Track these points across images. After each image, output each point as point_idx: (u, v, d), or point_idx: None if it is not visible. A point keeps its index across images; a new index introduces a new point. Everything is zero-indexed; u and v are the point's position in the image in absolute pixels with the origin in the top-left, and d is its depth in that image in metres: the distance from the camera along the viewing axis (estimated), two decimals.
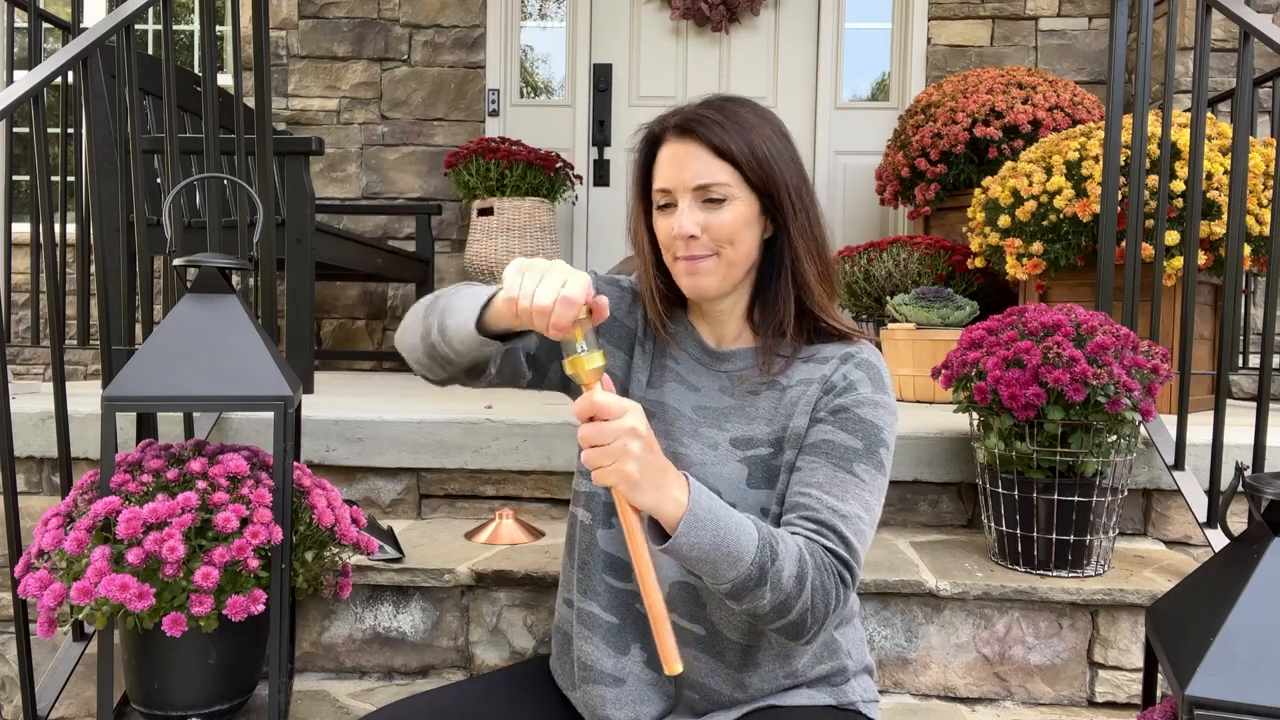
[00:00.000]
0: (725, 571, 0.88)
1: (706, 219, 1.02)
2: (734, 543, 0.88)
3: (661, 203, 1.06)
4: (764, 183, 1.03)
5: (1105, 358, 1.46)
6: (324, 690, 1.48)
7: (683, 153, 1.03)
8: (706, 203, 1.02)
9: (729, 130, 1.02)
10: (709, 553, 0.87)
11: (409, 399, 2.29)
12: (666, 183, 1.04)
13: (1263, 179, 2.24)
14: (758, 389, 1.07)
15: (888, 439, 1.03)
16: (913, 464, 1.79)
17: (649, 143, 1.08)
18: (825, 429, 1.02)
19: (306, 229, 2.43)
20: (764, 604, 0.90)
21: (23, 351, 4.25)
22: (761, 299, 1.10)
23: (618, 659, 1.07)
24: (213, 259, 1.32)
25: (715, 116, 1.03)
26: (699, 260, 1.03)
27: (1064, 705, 1.49)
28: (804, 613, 0.92)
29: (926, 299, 2.65)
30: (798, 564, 0.91)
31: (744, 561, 0.88)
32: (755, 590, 0.89)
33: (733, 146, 1.02)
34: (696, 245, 1.03)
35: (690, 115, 1.04)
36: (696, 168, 1.02)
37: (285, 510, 1.25)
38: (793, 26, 4.14)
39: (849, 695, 1.09)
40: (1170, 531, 1.80)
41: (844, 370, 1.05)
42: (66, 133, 2.67)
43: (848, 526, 0.96)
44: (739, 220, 1.03)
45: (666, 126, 1.06)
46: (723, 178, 1.02)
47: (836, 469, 0.99)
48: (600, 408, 0.83)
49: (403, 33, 4.14)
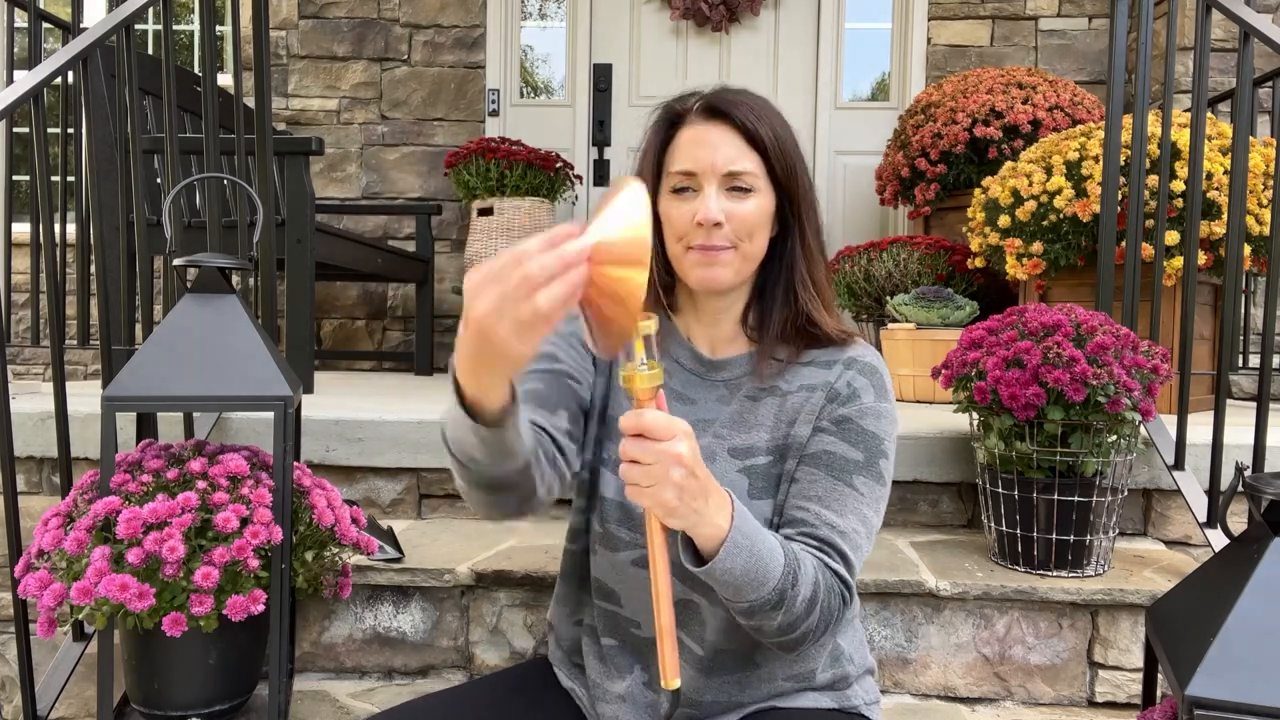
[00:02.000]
0: (748, 593, 0.87)
1: (730, 208, 0.97)
2: (764, 569, 0.86)
3: (680, 185, 0.99)
4: (785, 178, 1.00)
5: (1105, 358, 1.46)
6: (324, 690, 1.48)
7: (715, 135, 0.98)
8: (732, 190, 0.97)
9: (760, 117, 0.98)
10: (739, 578, 0.85)
11: (409, 399, 2.29)
12: (691, 165, 0.98)
13: (1263, 179, 2.24)
14: (757, 395, 1.04)
15: (888, 449, 1.01)
16: (913, 464, 1.79)
17: (667, 123, 1.02)
18: (827, 439, 1.00)
19: (306, 229, 2.43)
20: (773, 624, 0.90)
21: (23, 351, 4.25)
22: (759, 301, 1.06)
23: (617, 680, 1.06)
24: (213, 259, 1.32)
25: (747, 100, 0.99)
26: (718, 251, 0.98)
27: (1064, 705, 1.49)
28: (807, 632, 0.92)
29: (926, 299, 2.65)
30: (813, 588, 0.90)
31: (767, 587, 0.87)
32: (770, 612, 0.88)
33: (763, 135, 0.98)
34: (719, 234, 0.97)
35: (720, 97, 0.99)
36: (730, 152, 0.97)
37: (285, 510, 1.25)
38: (793, 26, 4.14)
39: (851, 700, 1.08)
40: (1170, 531, 1.80)
41: (848, 377, 1.02)
42: (66, 133, 2.67)
43: (846, 543, 0.95)
44: (761, 214, 0.99)
45: (690, 107, 1.00)
46: (751, 166, 0.98)
47: (836, 482, 0.98)
48: (649, 427, 0.78)
49: (403, 33, 4.14)
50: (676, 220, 0.99)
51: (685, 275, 1.02)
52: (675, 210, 1.00)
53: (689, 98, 1.02)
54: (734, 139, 0.98)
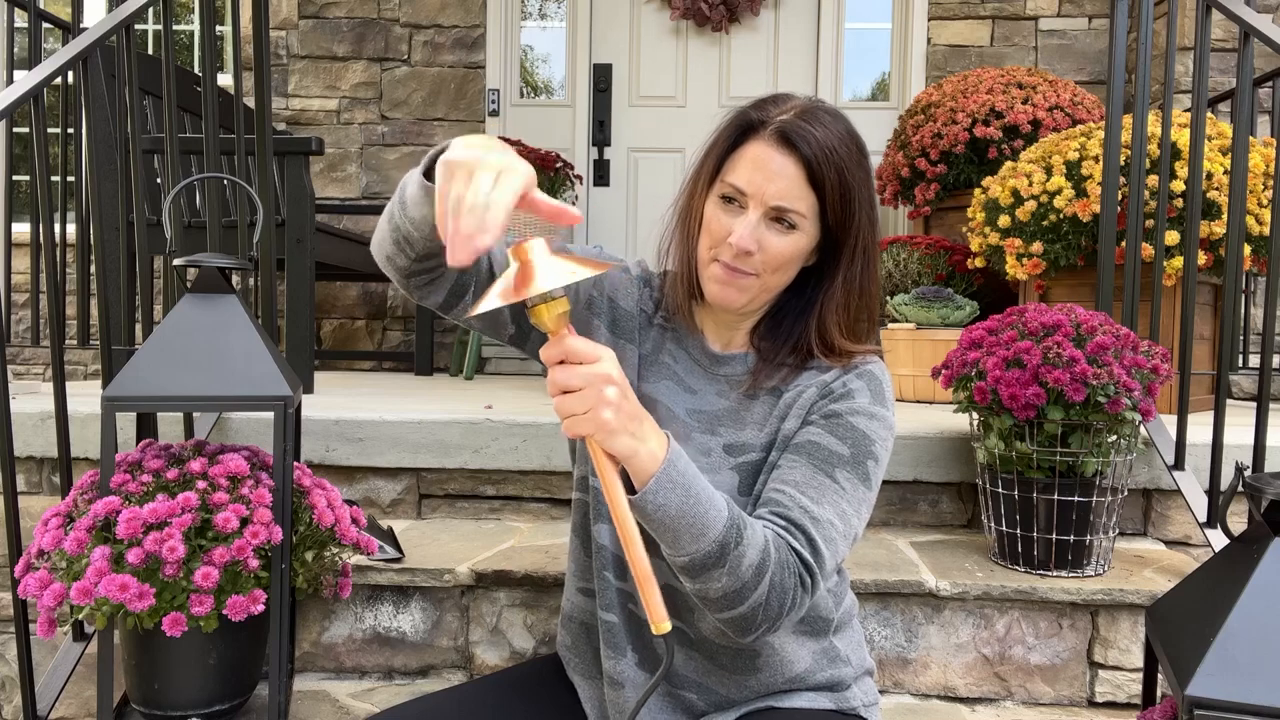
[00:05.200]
0: (686, 543, 0.84)
1: (765, 239, 0.96)
2: (702, 514, 0.84)
3: (729, 195, 0.98)
4: (837, 224, 0.98)
5: (1105, 358, 1.46)
6: (324, 690, 1.48)
7: (777, 163, 0.95)
8: (774, 222, 0.96)
9: (829, 158, 0.95)
10: (674, 519, 0.83)
11: (409, 399, 2.29)
12: (746, 185, 0.96)
13: (1263, 179, 2.24)
14: (755, 393, 1.04)
15: (878, 453, 0.99)
16: (913, 464, 1.79)
17: (739, 130, 0.99)
18: (813, 431, 0.98)
19: (306, 229, 2.43)
20: (717, 587, 0.87)
21: (23, 351, 4.25)
22: (774, 321, 1.06)
23: (616, 660, 1.06)
24: (213, 259, 1.32)
25: (821, 136, 0.95)
26: (740, 275, 0.97)
27: (1064, 705, 1.49)
28: (756, 607, 0.88)
29: (926, 299, 2.65)
30: (761, 554, 0.87)
31: (707, 537, 0.84)
32: (712, 570, 0.86)
33: (827, 178, 0.95)
34: (747, 261, 0.97)
35: (797, 126, 0.96)
36: (783, 187, 0.95)
37: (285, 510, 1.25)
38: (793, 26, 4.14)
39: (850, 701, 1.08)
40: (1170, 531, 1.80)
41: (845, 379, 1.01)
42: (66, 133, 2.67)
43: (818, 530, 0.92)
44: (796, 251, 0.98)
45: (768, 122, 0.97)
46: (803, 208, 0.96)
47: (816, 471, 0.95)
48: (572, 350, 0.78)
49: (403, 33, 4.14)
50: (714, 229, 0.99)
51: (703, 283, 1.02)
52: (716, 219, 0.99)
53: (770, 108, 0.99)
54: (796, 173, 0.95)
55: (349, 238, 2.97)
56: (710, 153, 1.02)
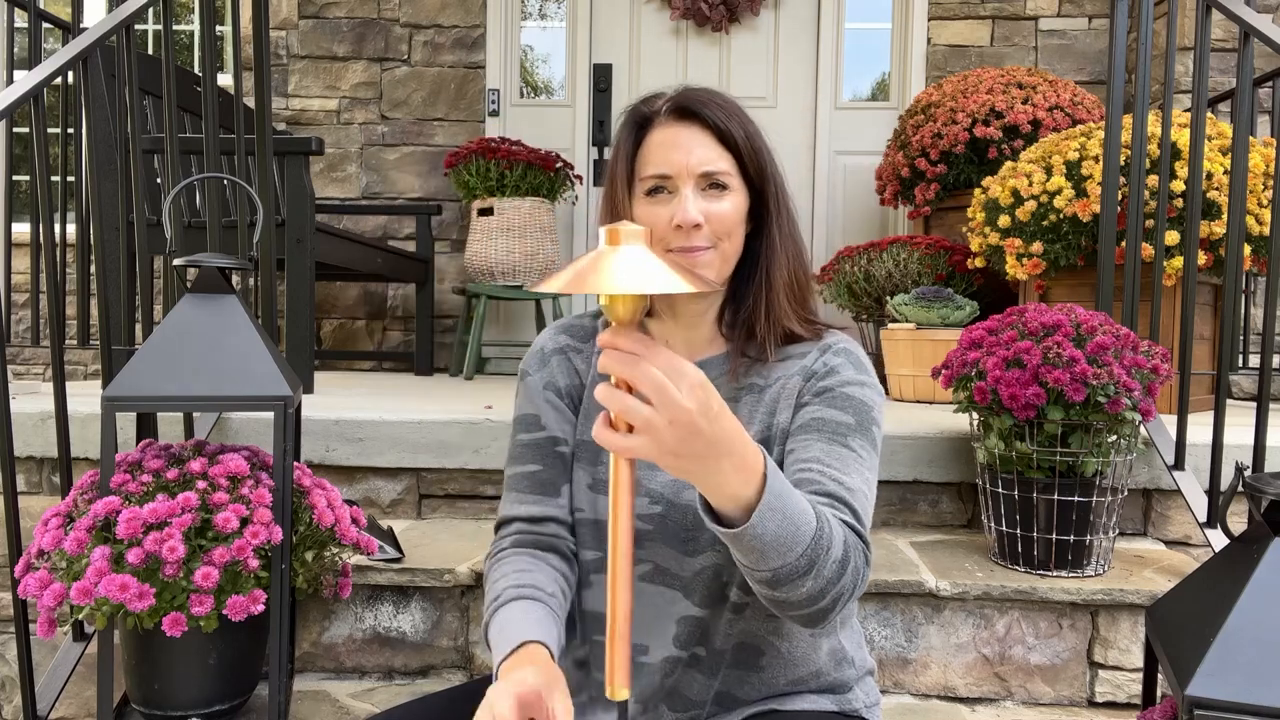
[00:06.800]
0: (772, 561, 0.76)
1: (708, 208, 0.96)
2: (792, 533, 0.76)
3: (654, 188, 0.98)
4: (758, 175, 1.00)
5: (1105, 358, 1.46)
6: (324, 690, 1.48)
7: (685, 136, 0.97)
8: (709, 189, 0.97)
9: (730, 116, 0.98)
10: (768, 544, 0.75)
11: (409, 399, 2.29)
12: (665, 167, 0.97)
13: (1263, 179, 2.24)
14: (736, 395, 1.03)
15: (878, 418, 0.99)
16: (913, 464, 1.79)
17: (637, 126, 1.01)
18: (813, 409, 0.97)
19: (306, 229, 2.43)
20: (800, 593, 0.80)
21: (23, 351, 4.25)
22: (734, 300, 1.05)
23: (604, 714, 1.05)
24: (213, 259, 1.32)
25: (715, 99, 0.98)
26: (699, 252, 0.96)
27: (1064, 705, 1.49)
28: (836, 599, 0.82)
29: (926, 299, 2.65)
30: (844, 547, 0.82)
31: (795, 552, 0.76)
32: (798, 580, 0.78)
33: (735, 133, 0.97)
34: (699, 235, 0.96)
35: (689, 97, 0.98)
36: (702, 153, 0.96)
37: (285, 510, 1.25)
38: (793, 26, 4.14)
39: (852, 702, 1.08)
40: (1170, 531, 1.80)
41: (824, 359, 1.01)
42: (66, 133, 2.67)
43: (855, 500, 0.89)
44: (737, 212, 0.98)
45: (658, 109, 0.99)
46: (725, 166, 0.97)
47: (833, 443, 0.93)
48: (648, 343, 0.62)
49: (403, 33, 4.13)
50: (653, 223, 0.98)
51: None
52: (651, 214, 0.98)
53: (656, 99, 1.01)
54: (706, 139, 0.97)
55: (349, 238, 2.97)
56: (618, 159, 1.02)
